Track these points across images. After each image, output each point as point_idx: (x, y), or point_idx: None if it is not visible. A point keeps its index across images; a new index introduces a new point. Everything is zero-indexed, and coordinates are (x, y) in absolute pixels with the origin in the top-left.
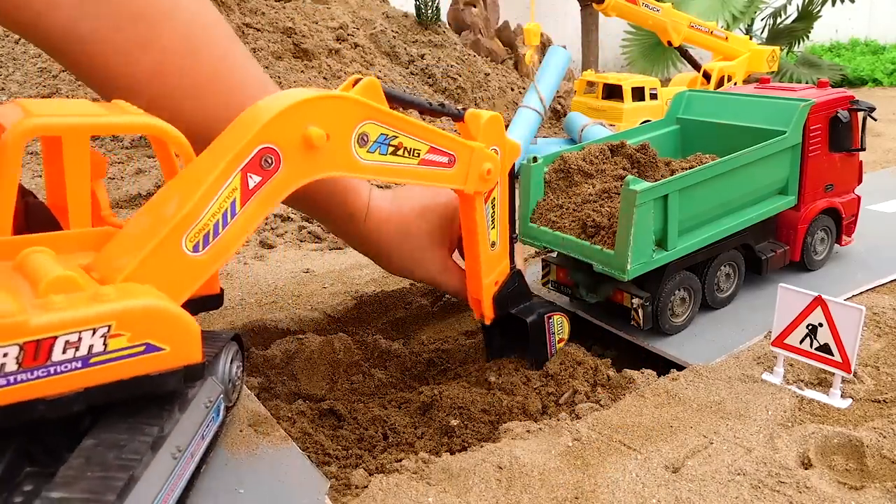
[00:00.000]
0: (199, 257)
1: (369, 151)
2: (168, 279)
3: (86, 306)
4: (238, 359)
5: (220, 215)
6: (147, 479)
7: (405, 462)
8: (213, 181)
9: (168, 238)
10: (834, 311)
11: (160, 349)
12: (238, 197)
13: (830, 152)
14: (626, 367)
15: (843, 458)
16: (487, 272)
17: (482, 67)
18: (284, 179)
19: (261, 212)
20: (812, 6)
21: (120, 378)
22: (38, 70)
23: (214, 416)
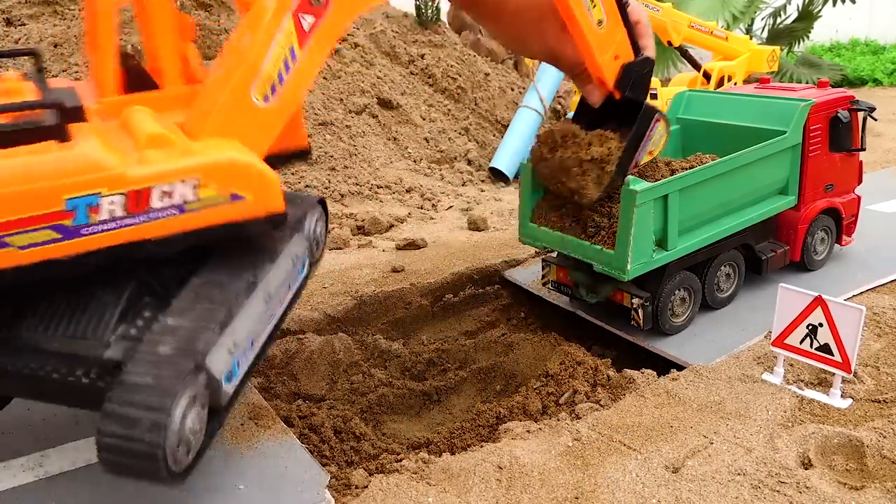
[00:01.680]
0: (270, 106)
1: None
2: (246, 133)
3: (176, 161)
4: (322, 220)
5: (281, 63)
6: (243, 317)
7: (405, 462)
8: (265, 29)
9: (237, 93)
10: (834, 311)
11: (243, 198)
12: (295, 42)
13: (830, 152)
14: (626, 367)
15: (843, 458)
16: (601, 49)
17: (482, 67)
18: (337, 14)
19: (321, 53)
20: (812, 6)
21: (211, 224)
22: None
23: (300, 270)
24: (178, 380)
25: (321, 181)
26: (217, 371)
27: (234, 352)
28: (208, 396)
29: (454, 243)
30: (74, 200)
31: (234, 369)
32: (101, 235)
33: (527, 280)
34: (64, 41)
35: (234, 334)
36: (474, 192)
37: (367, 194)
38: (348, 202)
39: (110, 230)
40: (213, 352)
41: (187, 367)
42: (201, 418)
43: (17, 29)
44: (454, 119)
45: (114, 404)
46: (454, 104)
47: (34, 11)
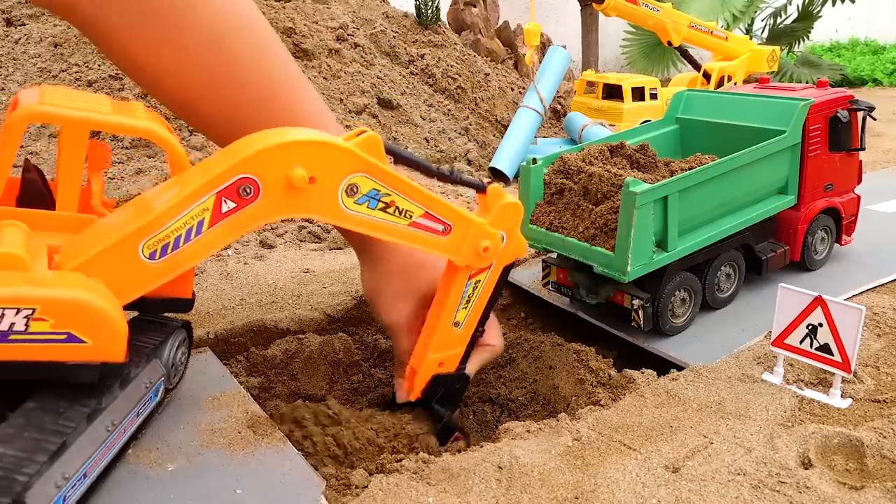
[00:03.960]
0: (154, 264)
1: (357, 203)
2: (116, 277)
3: (15, 286)
4: (184, 345)
5: (184, 230)
6: (79, 446)
7: (405, 462)
8: (186, 196)
9: (126, 240)
10: (834, 311)
11: (82, 341)
12: (207, 217)
13: (830, 152)
14: (626, 367)
15: (843, 458)
16: (438, 348)
17: (482, 67)
18: (258, 212)
19: (227, 236)
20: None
21: (36, 359)
22: (38, 70)
23: (153, 396)
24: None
25: None
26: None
27: (60, 485)
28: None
29: None
30: None
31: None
32: None
33: (527, 281)
34: (64, 41)
35: (64, 466)
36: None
37: None
38: None
39: None
40: (35, 486)
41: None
42: None
43: (17, 29)
44: (454, 119)
45: None
46: (454, 104)
47: (34, 11)
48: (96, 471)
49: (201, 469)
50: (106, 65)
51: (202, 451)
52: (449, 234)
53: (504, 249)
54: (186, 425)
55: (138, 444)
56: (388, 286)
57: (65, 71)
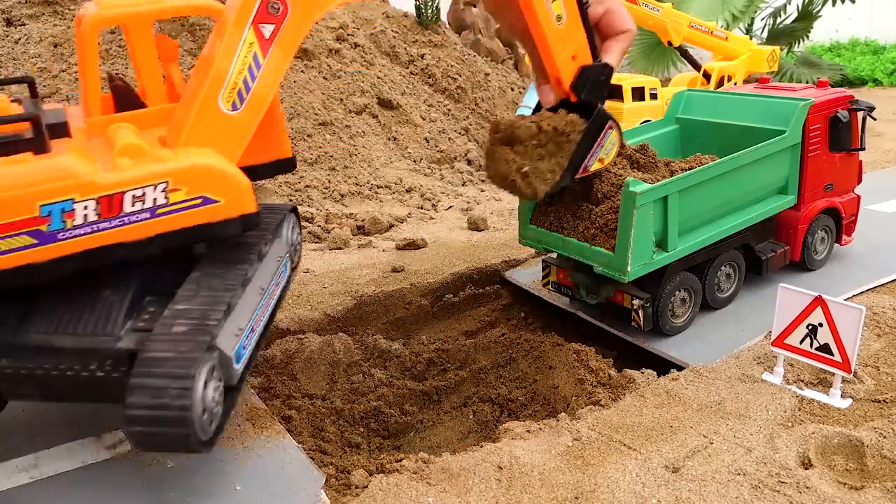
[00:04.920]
0: (239, 114)
1: None
2: (218, 139)
3: (146, 166)
4: (297, 226)
5: (245, 71)
6: (242, 305)
7: (405, 462)
8: (227, 40)
9: (206, 103)
10: (834, 311)
11: (216, 201)
12: (258, 50)
13: (830, 152)
14: (626, 367)
15: (843, 458)
16: (560, 47)
17: (482, 67)
18: (296, 19)
19: (285, 58)
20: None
21: (184, 226)
22: (38, 70)
23: (283, 270)
24: (197, 351)
25: (321, 181)
26: (227, 349)
27: (239, 334)
28: (223, 372)
29: (454, 243)
30: (48, 206)
31: (241, 351)
32: (76, 240)
33: (527, 280)
34: (64, 41)
35: (237, 319)
36: (474, 192)
37: (367, 194)
38: (348, 202)
39: (85, 235)
40: (222, 332)
41: (203, 340)
42: (219, 392)
43: (17, 29)
44: (454, 119)
45: (140, 378)
46: (454, 104)
47: (34, 11)
48: (259, 328)
49: (201, 465)
50: (106, 64)
51: None
52: None
53: None
54: None
55: None
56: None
57: (65, 71)
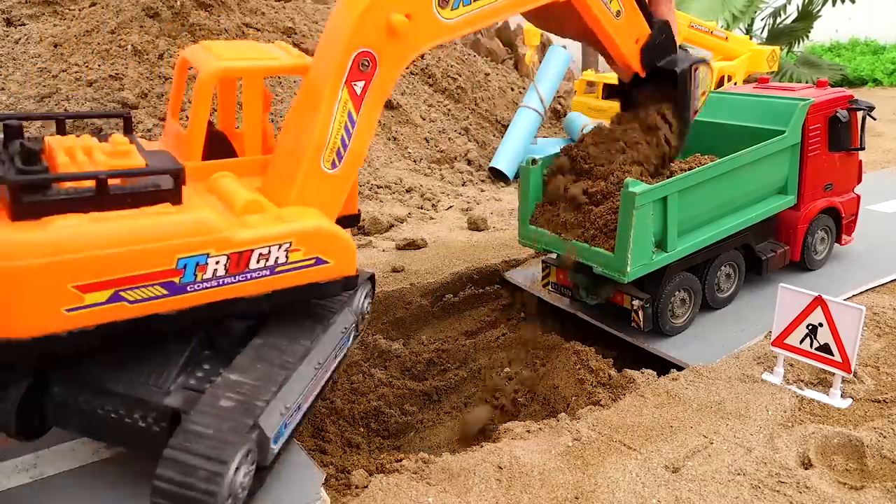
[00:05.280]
0: (338, 172)
1: (453, 9)
2: (322, 198)
3: (273, 226)
4: (370, 295)
5: (342, 130)
6: (295, 381)
7: (405, 462)
8: (325, 103)
9: (310, 164)
10: (834, 311)
11: (326, 262)
12: (352, 107)
13: (830, 152)
14: (626, 367)
15: (843, 458)
16: (624, 38)
17: (482, 67)
18: (384, 74)
19: (375, 112)
20: (812, 6)
21: (297, 284)
22: (38, 70)
23: (346, 342)
24: (238, 434)
25: None
26: (269, 430)
27: (284, 414)
28: (258, 454)
29: (454, 243)
30: (185, 260)
31: (282, 430)
32: (203, 293)
33: (527, 281)
34: (64, 41)
35: (286, 398)
36: (474, 192)
37: (367, 194)
38: None
39: (211, 288)
40: (267, 411)
41: (247, 423)
42: (250, 474)
43: (17, 29)
44: (454, 119)
45: (175, 450)
46: (454, 104)
47: (34, 11)
48: (306, 405)
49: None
50: (106, 64)
51: None
52: None
53: None
54: None
55: None
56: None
57: (65, 71)
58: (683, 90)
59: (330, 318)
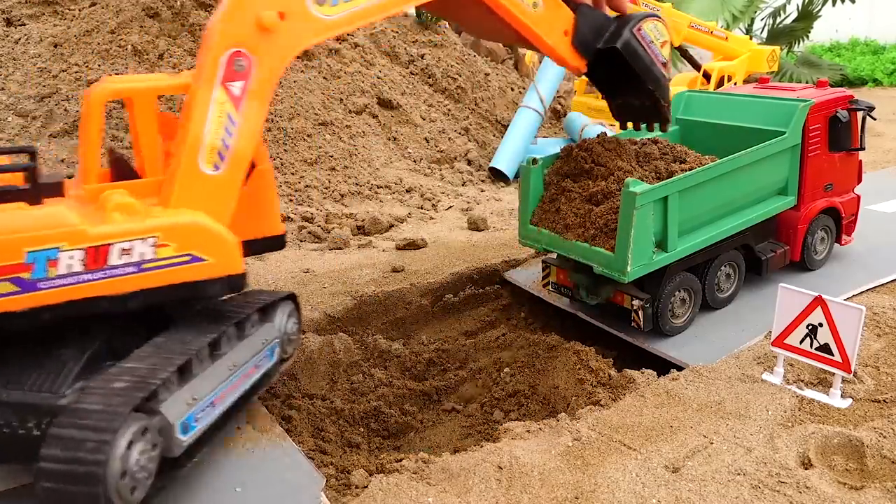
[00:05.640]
0: (221, 174)
1: (332, 5)
2: (206, 201)
3: (137, 221)
4: (294, 315)
5: (222, 131)
6: (204, 375)
7: (405, 462)
8: (198, 105)
9: (188, 167)
10: (834, 311)
11: (203, 259)
12: (231, 108)
13: (830, 152)
14: (626, 367)
15: (843, 458)
16: (548, 31)
17: (482, 67)
18: (263, 73)
19: (259, 112)
20: (812, 6)
21: (169, 282)
22: (38, 70)
23: (269, 354)
24: (126, 406)
25: (321, 181)
26: (171, 416)
27: (191, 405)
28: (161, 440)
29: (454, 243)
30: (34, 254)
31: (191, 423)
32: (58, 290)
33: (527, 280)
34: (64, 41)
35: (194, 389)
36: (474, 192)
37: (367, 194)
38: (348, 202)
39: (68, 285)
40: (170, 398)
41: (138, 397)
42: (151, 459)
43: (17, 29)
44: (454, 119)
45: (60, 428)
46: (454, 104)
47: (34, 11)
48: (223, 404)
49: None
50: (106, 64)
51: (202, 448)
52: None
53: None
54: None
55: None
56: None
57: (65, 71)
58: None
59: (245, 325)
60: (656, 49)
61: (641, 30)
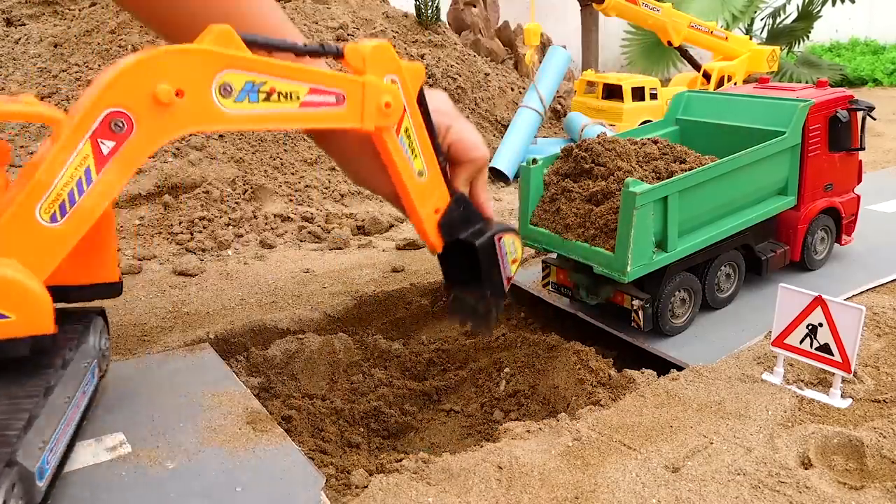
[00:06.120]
0: (57, 227)
1: (236, 101)
2: (26, 251)
3: None
4: (105, 332)
5: (73, 184)
6: (46, 416)
7: (405, 462)
8: (59, 150)
9: (21, 209)
10: (834, 311)
11: (5, 317)
12: (92, 164)
13: (830, 152)
14: (626, 367)
15: (843, 458)
16: (422, 202)
17: (482, 67)
18: (140, 142)
19: (121, 177)
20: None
21: None
22: (38, 70)
23: (91, 377)
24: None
25: (321, 181)
26: (30, 465)
27: (42, 447)
28: (24, 493)
29: None
30: None
31: (45, 466)
32: None
33: (527, 281)
34: (64, 41)
35: (42, 432)
36: None
37: (368, 194)
38: (348, 202)
39: None
40: (24, 446)
41: (4, 452)
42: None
43: (17, 29)
44: None
45: None
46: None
47: (34, 11)
48: (63, 442)
49: (201, 467)
50: (106, 64)
51: (202, 448)
52: (344, 104)
53: (404, 87)
54: (186, 423)
55: (138, 442)
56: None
57: (65, 71)
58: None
59: (66, 354)
60: (507, 263)
61: (502, 239)
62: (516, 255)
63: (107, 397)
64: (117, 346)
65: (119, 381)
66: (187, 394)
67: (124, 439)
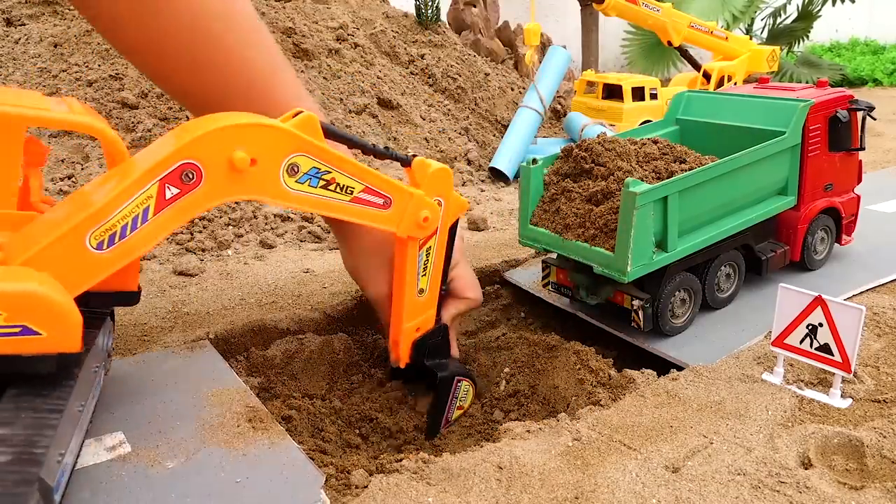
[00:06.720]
0: (102, 255)
1: (298, 182)
2: (65, 270)
3: None
4: (112, 331)
5: (129, 219)
6: (61, 428)
7: (405, 462)
8: (129, 185)
9: (72, 231)
10: (834, 311)
11: (37, 333)
12: (152, 205)
13: (830, 152)
14: (626, 367)
15: (843, 458)
16: (410, 316)
17: (482, 67)
18: (203, 196)
19: (174, 222)
20: (812, 6)
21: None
22: (38, 70)
23: (99, 381)
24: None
25: None
26: (50, 479)
27: (60, 461)
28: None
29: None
30: None
31: (61, 480)
32: None
33: (527, 281)
34: (64, 41)
35: (59, 444)
36: (474, 192)
37: None
38: None
39: None
40: (46, 461)
41: (33, 475)
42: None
43: (17, 29)
44: (454, 119)
45: None
46: (454, 104)
47: (34, 11)
48: (76, 451)
49: (201, 466)
50: (106, 64)
51: (201, 447)
52: (390, 208)
53: (445, 212)
54: (186, 421)
55: (138, 441)
56: (366, 262)
57: (65, 71)
58: (440, 396)
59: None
60: (454, 406)
61: (460, 383)
62: (464, 404)
63: (106, 395)
64: (117, 346)
65: (119, 378)
66: (187, 391)
67: (124, 438)
